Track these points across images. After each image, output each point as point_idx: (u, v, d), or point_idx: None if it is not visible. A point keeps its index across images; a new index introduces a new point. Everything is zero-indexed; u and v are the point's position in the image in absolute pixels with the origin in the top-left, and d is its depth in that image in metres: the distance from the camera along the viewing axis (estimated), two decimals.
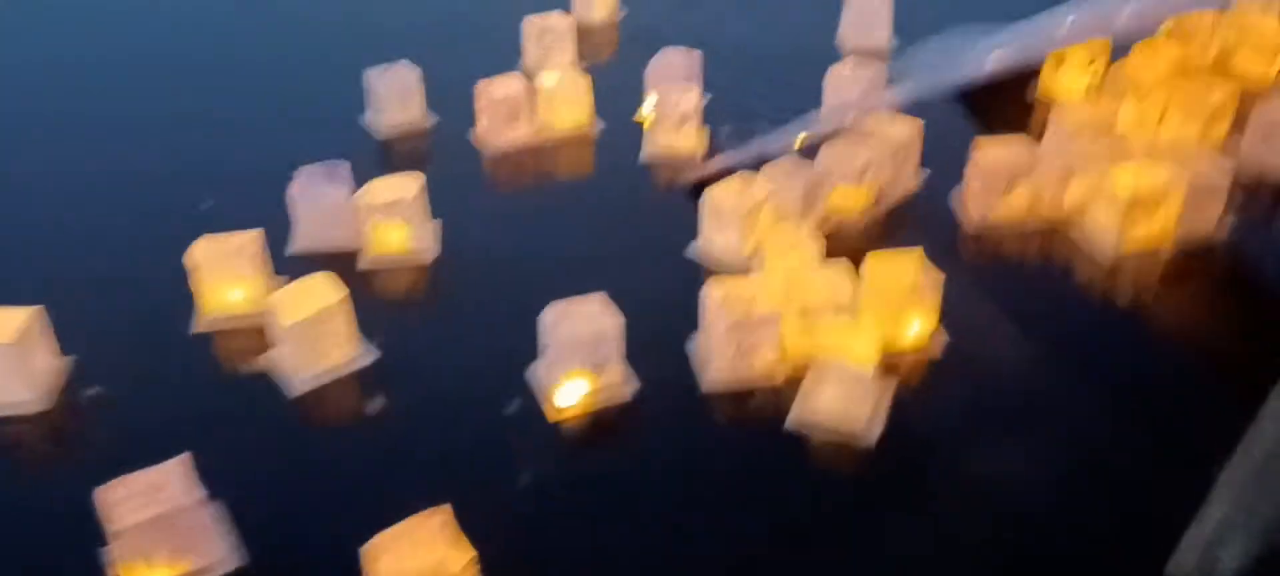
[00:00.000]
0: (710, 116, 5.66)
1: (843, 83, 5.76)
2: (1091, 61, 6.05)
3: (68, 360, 4.36)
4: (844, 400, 3.78)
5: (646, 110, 5.61)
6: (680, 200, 5.30)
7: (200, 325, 4.44)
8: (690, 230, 5.01)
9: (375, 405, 4.02)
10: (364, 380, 4.17)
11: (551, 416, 3.84)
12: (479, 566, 3.09)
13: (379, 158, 5.82)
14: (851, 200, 5.09)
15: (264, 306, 4.23)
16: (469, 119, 5.64)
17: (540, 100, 5.83)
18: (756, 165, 5.12)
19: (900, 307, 4.12)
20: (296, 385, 4.07)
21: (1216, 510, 3.24)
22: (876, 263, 4.32)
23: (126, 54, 6.90)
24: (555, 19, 6.25)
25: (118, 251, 5.13)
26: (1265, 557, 3.26)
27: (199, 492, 3.28)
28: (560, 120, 5.87)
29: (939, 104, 5.67)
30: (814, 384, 3.82)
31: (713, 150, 5.68)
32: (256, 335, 4.27)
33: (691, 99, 5.62)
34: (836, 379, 3.77)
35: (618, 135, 5.91)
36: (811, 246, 4.34)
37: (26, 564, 3.41)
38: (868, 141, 5.11)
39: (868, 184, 5.06)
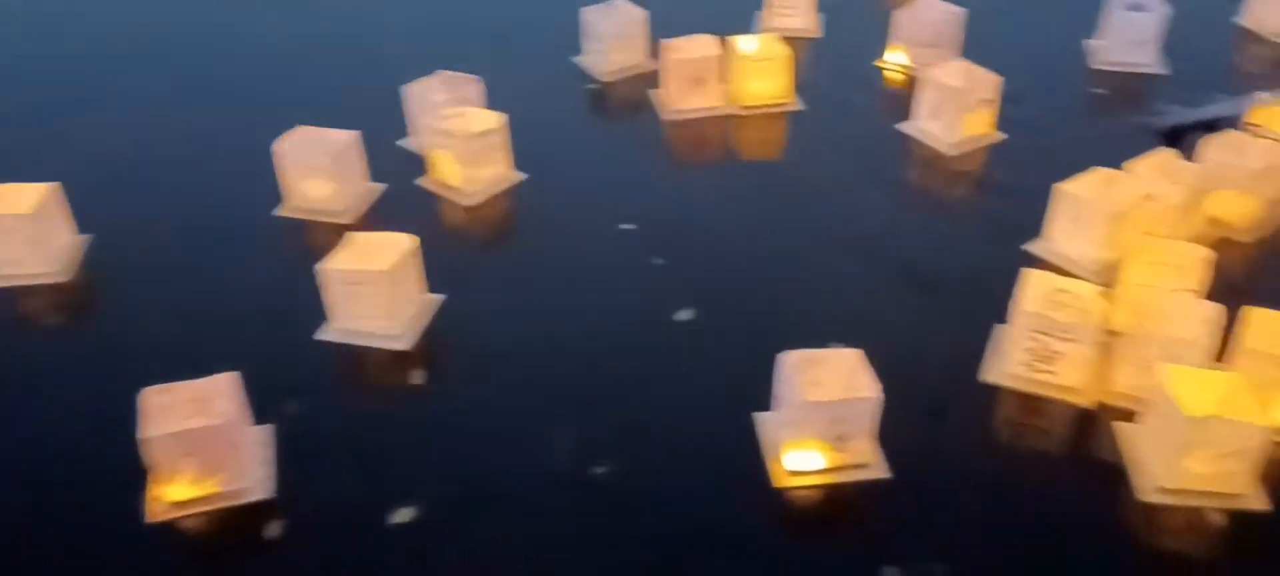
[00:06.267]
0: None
1: None
2: None
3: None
4: (1229, 461, 3.15)
5: None
6: (870, 194, 4.69)
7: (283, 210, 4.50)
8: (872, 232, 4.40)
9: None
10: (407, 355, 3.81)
11: (778, 481, 3.28)
12: None
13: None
14: (1238, 212, 4.29)
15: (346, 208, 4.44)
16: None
17: (733, 66, 5.26)
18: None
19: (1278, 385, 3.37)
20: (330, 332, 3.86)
21: None
22: (1262, 323, 3.45)
23: None
24: None
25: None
26: None
27: (242, 413, 3.24)
28: (752, 91, 5.27)
29: None
30: (1182, 447, 3.16)
31: None
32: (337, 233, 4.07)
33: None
34: (1219, 435, 3.11)
35: (819, 114, 5.27)
36: (1194, 273, 3.75)
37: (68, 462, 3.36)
38: (1264, 141, 4.41)
39: (1261, 194, 4.28)
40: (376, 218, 4.36)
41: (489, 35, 5.91)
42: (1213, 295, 3.68)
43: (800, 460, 3.25)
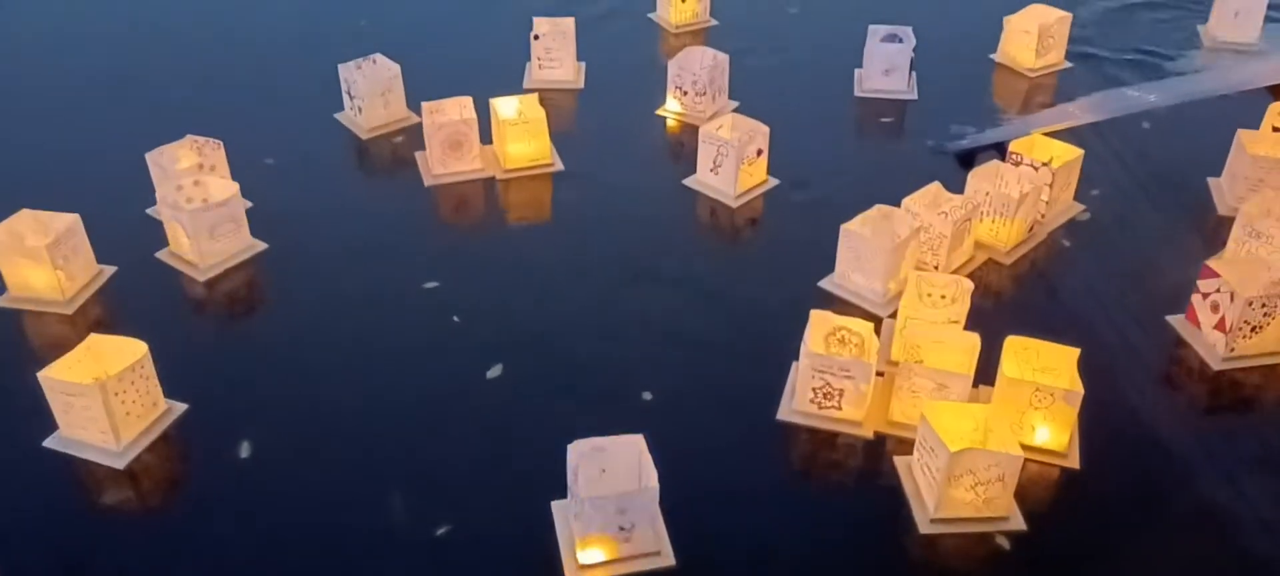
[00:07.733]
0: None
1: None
2: None
3: None
4: (990, 488, 3.28)
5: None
6: (609, 255, 4.62)
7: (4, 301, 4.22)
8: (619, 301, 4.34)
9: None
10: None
11: None
12: None
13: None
14: (1000, 237, 4.51)
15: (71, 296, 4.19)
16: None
17: (493, 129, 5.18)
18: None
19: (1033, 407, 3.54)
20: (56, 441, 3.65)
21: None
22: (1018, 351, 3.61)
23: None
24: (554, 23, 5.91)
25: None
26: None
27: None
28: (513, 153, 5.15)
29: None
30: (948, 478, 3.26)
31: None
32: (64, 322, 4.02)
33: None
34: (979, 464, 3.24)
35: (579, 176, 5.18)
36: (959, 303, 3.88)
37: None
38: (1023, 168, 4.62)
39: (1020, 219, 4.48)
40: (105, 302, 4.12)
41: (254, 94, 5.69)
42: (979, 316, 3.83)
43: (589, 554, 3.20)
